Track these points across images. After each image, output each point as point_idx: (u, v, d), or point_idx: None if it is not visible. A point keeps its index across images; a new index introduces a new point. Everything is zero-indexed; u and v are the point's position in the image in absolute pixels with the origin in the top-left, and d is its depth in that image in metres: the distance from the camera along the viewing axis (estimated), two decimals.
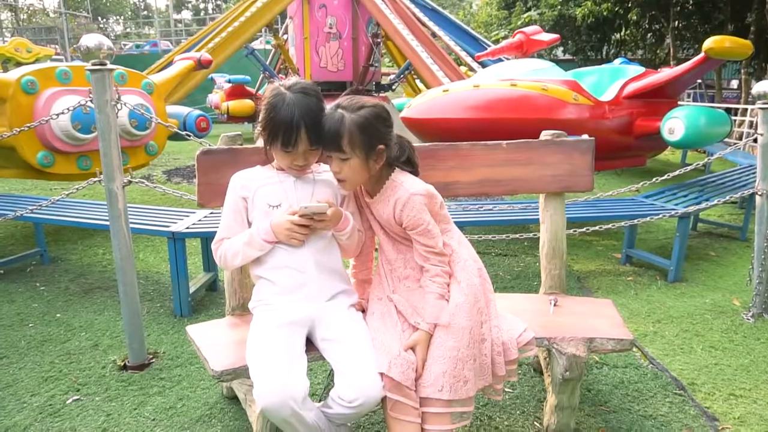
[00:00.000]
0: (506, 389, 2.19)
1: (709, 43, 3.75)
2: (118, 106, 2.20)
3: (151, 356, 2.45)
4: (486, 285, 1.63)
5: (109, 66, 2.14)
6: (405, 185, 1.56)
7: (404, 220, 1.55)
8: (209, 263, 3.29)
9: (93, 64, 2.12)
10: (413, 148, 1.69)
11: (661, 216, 3.07)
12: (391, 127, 1.57)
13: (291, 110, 1.49)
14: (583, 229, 2.78)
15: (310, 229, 1.56)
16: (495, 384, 1.57)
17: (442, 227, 1.63)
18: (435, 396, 1.44)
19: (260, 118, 1.56)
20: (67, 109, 2.49)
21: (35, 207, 2.90)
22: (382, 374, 1.44)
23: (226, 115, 10.77)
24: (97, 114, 2.15)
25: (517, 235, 2.95)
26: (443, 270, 1.57)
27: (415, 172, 1.66)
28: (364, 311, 1.70)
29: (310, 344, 1.60)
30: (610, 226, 2.92)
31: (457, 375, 1.44)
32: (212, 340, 1.70)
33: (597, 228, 2.86)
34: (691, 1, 10.51)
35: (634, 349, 2.53)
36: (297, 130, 1.49)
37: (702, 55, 3.90)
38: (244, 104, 10.69)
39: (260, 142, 1.65)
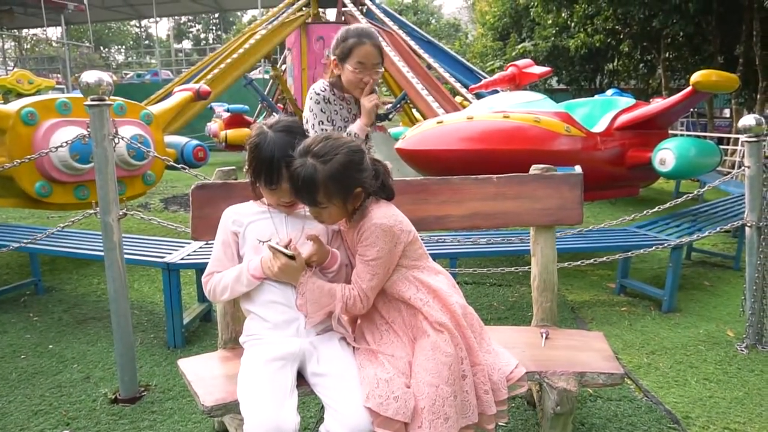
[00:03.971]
0: (499, 423, 2.17)
1: (697, 77, 3.83)
2: (116, 140, 2.24)
3: (143, 389, 2.44)
4: (459, 322, 1.57)
5: (107, 101, 2.19)
6: (372, 213, 1.56)
7: (358, 247, 1.56)
8: (203, 294, 3.28)
9: (92, 100, 2.17)
10: (387, 172, 1.65)
11: (654, 248, 3.10)
12: (365, 169, 1.54)
13: (271, 149, 1.53)
14: (578, 262, 2.80)
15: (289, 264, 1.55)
16: (486, 424, 1.54)
17: (413, 263, 1.62)
18: None
19: (246, 157, 1.60)
20: (65, 142, 2.53)
21: (32, 238, 2.91)
22: (371, 410, 1.44)
23: (224, 144, 10.89)
24: (95, 148, 2.19)
25: (512, 268, 2.97)
26: (355, 301, 1.55)
27: (389, 197, 1.64)
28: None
29: (301, 379, 1.60)
30: (604, 258, 2.94)
31: (437, 411, 1.43)
32: (203, 374, 1.70)
33: (591, 261, 2.88)
34: (681, 34, 10.75)
35: (628, 381, 2.52)
36: (278, 168, 1.53)
37: (690, 88, 3.99)
38: (242, 133, 10.81)
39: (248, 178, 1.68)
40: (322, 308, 1.56)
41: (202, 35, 44.76)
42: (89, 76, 2.15)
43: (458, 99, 7.54)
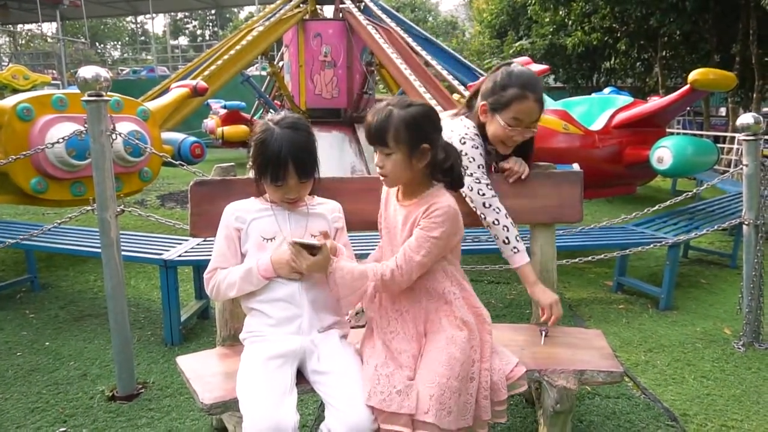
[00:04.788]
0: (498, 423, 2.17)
1: (694, 75, 3.83)
2: (113, 136, 2.22)
3: (140, 386, 2.43)
4: (483, 326, 1.62)
5: (105, 97, 2.17)
6: (448, 195, 1.59)
7: (422, 221, 1.54)
8: (201, 291, 3.28)
9: (89, 95, 2.15)
10: (460, 160, 1.67)
11: (651, 246, 3.10)
12: (439, 130, 1.59)
13: (279, 145, 1.52)
14: (576, 260, 2.80)
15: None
16: (479, 428, 1.54)
17: (454, 260, 1.65)
18: (420, 418, 1.42)
19: (250, 154, 1.59)
20: (62, 138, 2.51)
21: (28, 235, 2.89)
22: (374, 407, 1.44)
23: (221, 140, 10.85)
24: (92, 144, 2.17)
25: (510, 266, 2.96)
26: (393, 275, 1.52)
27: (456, 184, 1.65)
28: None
29: (300, 376, 1.59)
30: (601, 256, 2.94)
31: (444, 403, 1.42)
32: (202, 371, 1.69)
33: (589, 258, 2.88)
34: (677, 32, 10.76)
35: (627, 379, 2.53)
36: (285, 165, 1.52)
37: (687, 86, 3.99)
38: (238, 129, 10.78)
39: (252, 174, 1.68)
40: (355, 290, 1.55)
41: (199, 31, 44.60)
42: (86, 72, 2.13)
43: (456, 96, 7.53)
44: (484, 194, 1.86)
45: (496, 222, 1.85)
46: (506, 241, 1.85)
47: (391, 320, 1.62)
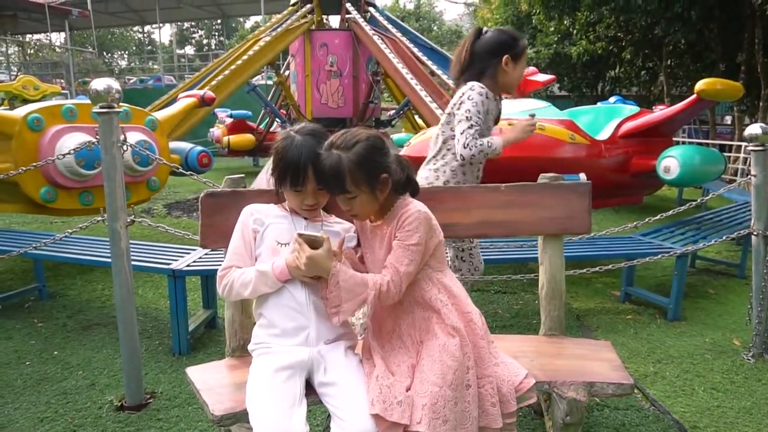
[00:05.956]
0: None
1: (701, 85, 3.83)
2: (124, 147, 2.25)
3: (148, 396, 2.43)
4: (476, 331, 1.60)
5: (116, 109, 2.20)
6: (413, 204, 1.61)
7: (398, 233, 1.56)
8: (208, 300, 3.29)
9: (101, 107, 2.18)
10: (411, 166, 1.71)
11: (659, 256, 3.09)
12: (388, 154, 1.60)
13: (299, 151, 1.56)
14: (583, 270, 2.80)
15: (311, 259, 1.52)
16: None
17: (438, 266, 1.64)
18: (414, 429, 1.41)
19: (272, 160, 1.62)
20: (73, 150, 2.53)
21: (38, 244, 2.91)
22: (377, 417, 1.44)
23: (227, 149, 10.92)
24: (103, 155, 2.19)
25: (517, 276, 2.96)
26: (389, 287, 1.53)
27: (415, 192, 1.69)
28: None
29: (309, 388, 1.59)
30: (609, 266, 2.93)
31: (437, 411, 1.42)
32: (211, 382, 1.69)
33: (596, 269, 2.87)
34: (682, 41, 10.77)
35: (635, 390, 2.51)
36: (304, 169, 1.55)
37: (694, 96, 3.99)
38: (244, 138, 10.85)
39: (267, 183, 1.70)
40: (356, 297, 1.53)
41: (205, 41, 44.96)
42: (98, 84, 2.15)
43: None
44: (472, 146, 2.24)
45: (475, 155, 2.24)
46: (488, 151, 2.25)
47: (385, 343, 1.63)
